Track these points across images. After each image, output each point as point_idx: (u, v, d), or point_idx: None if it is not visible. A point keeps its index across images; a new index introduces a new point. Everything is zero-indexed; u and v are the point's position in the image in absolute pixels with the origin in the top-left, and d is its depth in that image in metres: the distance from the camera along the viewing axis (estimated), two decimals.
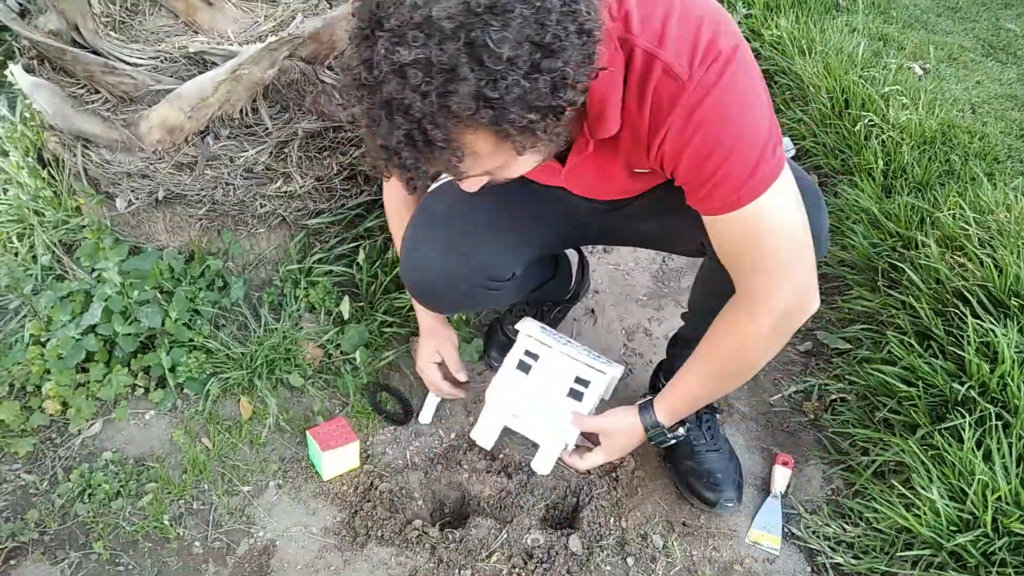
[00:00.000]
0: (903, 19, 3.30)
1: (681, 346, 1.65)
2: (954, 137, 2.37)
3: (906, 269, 1.88)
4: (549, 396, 1.42)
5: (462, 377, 1.67)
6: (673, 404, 1.39)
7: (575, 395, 1.42)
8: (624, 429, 1.42)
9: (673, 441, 1.45)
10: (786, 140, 2.62)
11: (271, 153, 1.73)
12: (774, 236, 1.13)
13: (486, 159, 0.96)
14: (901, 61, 2.82)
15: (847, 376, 1.86)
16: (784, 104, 2.77)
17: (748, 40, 3.13)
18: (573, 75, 0.89)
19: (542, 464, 1.47)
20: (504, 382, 1.45)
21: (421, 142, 0.88)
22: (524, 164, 1.05)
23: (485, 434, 1.49)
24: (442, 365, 1.67)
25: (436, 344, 1.65)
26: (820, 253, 1.28)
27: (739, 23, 3.12)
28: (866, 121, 2.40)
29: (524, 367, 1.43)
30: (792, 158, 2.59)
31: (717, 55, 1.03)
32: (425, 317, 1.64)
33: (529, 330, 1.50)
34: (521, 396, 1.43)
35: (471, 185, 1.08)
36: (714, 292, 1.37)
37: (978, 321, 1.65)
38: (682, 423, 1.45)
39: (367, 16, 0.86)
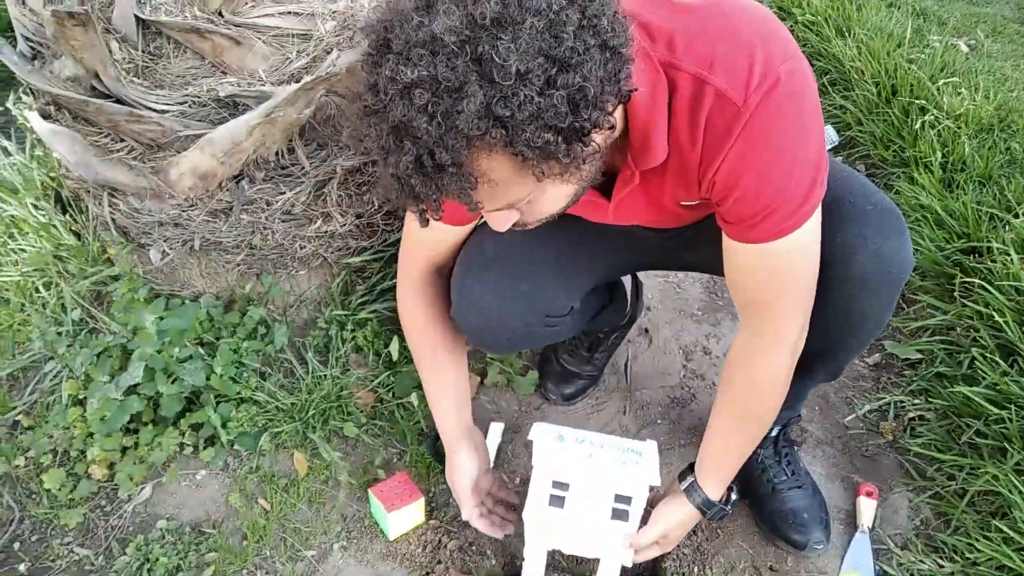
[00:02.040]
0: None
1: None
2: (1012, 123, 2.26)
3: (982, 279, 1.78)
4: (593, 522, 1.28)
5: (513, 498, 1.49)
6: (717, 472, 1.32)
7: (619, 515, 1.28)
8: (680, 523, 1.34)
9: (731, 511, 1.38)
10: (828, 129, 2.51)
11: (309, 193, 1.63)
12: (800, 271, 1.10)
13: (503, 189, 0.88)
14: (945, 38, 2.69)
15: (923, 392, 1.77)
16: (824, 88, 2.65)
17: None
18: (594, 92, 0.81)
19: None
20: (540, 522, 1.30)
21: (431, 167, 0.82)
22: (553, 198, 0.97)
23: (534, 574, 1.37)
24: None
25: (472, 472, 1.43)
26: (903, 279, 1.20)
27: (769, 3, 2.98)
28: (920, 108, 2.28)
29: (557, 501, 1.28)
30: (832, 149, 2.48)
31: (775, 80, 0.94)
32: (453, 433, 1.44)
33: (546, 453, 1.30)
34: (562, 531, 1.30)
35: (497, 222, 0.99)
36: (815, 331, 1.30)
37: None
38: (730, 488, 1.37)
39: (375, 41, 0.84)
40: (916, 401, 1.76)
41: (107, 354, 1.67)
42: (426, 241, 1.35)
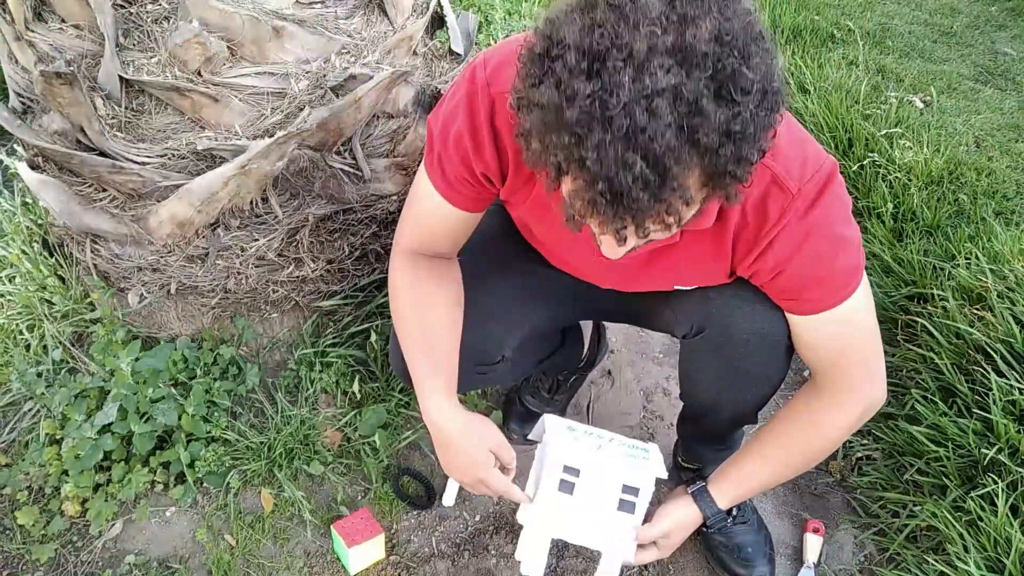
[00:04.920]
0: (899, 48, 3.31)
1: (693, 431, 1.64)
2: (961, 175, 2.37)
3: (924, 323, 1.87)
4: (599, 510, 1.30)
5: (512, 467, 1.34)
6: (736, 489, 1.38)
7: (626, 506, 1.30)
8: (684, 525, 1.39)
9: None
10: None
11: (282, 240, 1.72)
12: (867, 329, 1.19)
13: (693, 207, 0.87)
14: (901, 95, 2.82)
15: (871, 432, 1.84)
16: None
17: None
18: (776, 118, 0.85)
19: None
20: (546, 506, 1.30)
21: (656, 183, 0.80)
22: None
23: (537, 564, 1.34)
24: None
25: (488, 443, 1.30)
26: (782, 341, 1.27)
27: None
28: (872, 161, 2.39)
29: (567, 487, 1.29)
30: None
31: (819, 167, 1.05)
32: (453, 414, 1.28)
33: (558, 438, 1.32)
34: (568, 517, 1.31)
35: (623, 249, 0.95)
36: (714, 384, 1.40)
37: (1003, 379, 1.64)
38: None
39: (588, 47, 0.80)
40: (864, 441, 1.83)
41: (84, 395, 1.74)
42: (428, 223, 1.29)
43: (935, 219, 2.20)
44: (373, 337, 1.85)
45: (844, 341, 1.19)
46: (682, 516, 1.38)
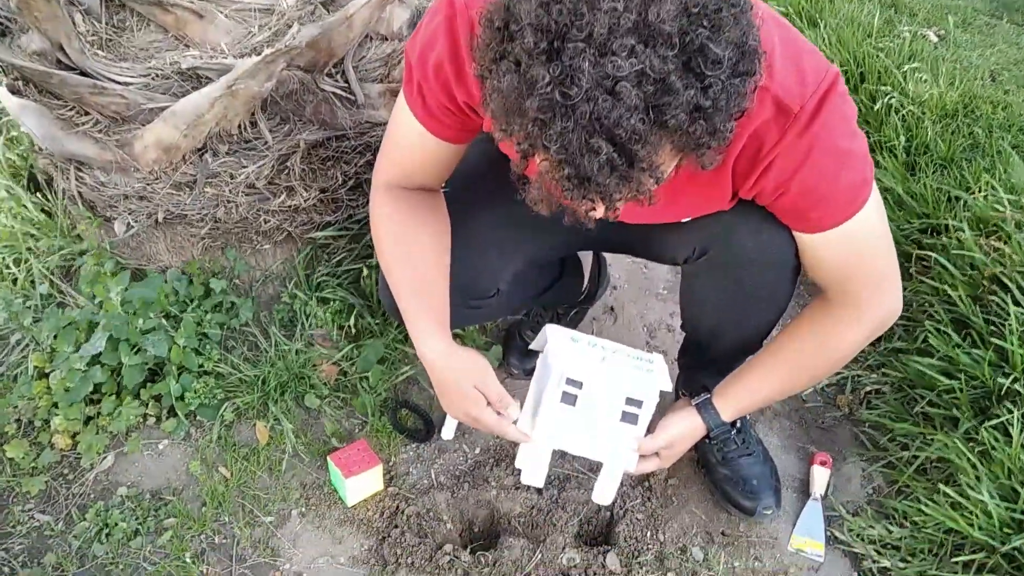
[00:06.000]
0: None
1: (697, 359, 1.58)
2: (976, 108, 2.29)
3: (937, 255, 1.81)
4: (601, 422, 1.26)
5: (513, 413, 1.28)
6: (740, 402, 1.34)
7: (629, 418, 1.25)
8: (687, 436, 1.34)
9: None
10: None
11: (273, 167, 1.65)
12: (880, 243, 1.14)
13: (663, 180, 0.85)
14: (915, 28, 2.73)
15: (880, 367, 1.80)
16: None
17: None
18: (756, 79, 0.81)
19: (605, 495, 1.33)
20: (549, 418, 1.26)
21: (623, 165, 0.77)
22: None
23: (537, 474, 1.31)
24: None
25: (474, 379, 1.25)
26: (787, 262, 1.22)
27: None
28: (885, 97, 2.31)
29: (569, 398, 1.24)
30: None
31: (820, 80, 0.98)
32: (443, 350, 1.25)
33: (561, 349, 1.27)
34: (570, 429, 1.27)
35: (598, 215, 0.90)
36: (718, 307, 1.36)
37: (1020, 309, 1.59)
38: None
39: (545, 29, 0.75)
40: (873, 376, 1.78)
41: (73, 327, 1.69)
42: (409, 156, 1.24)
43: (949, 152, 2.12)
44: (366, 272, 1.80)
45: (855, 258, 1.13)
46: (685, 427, 1.34)
